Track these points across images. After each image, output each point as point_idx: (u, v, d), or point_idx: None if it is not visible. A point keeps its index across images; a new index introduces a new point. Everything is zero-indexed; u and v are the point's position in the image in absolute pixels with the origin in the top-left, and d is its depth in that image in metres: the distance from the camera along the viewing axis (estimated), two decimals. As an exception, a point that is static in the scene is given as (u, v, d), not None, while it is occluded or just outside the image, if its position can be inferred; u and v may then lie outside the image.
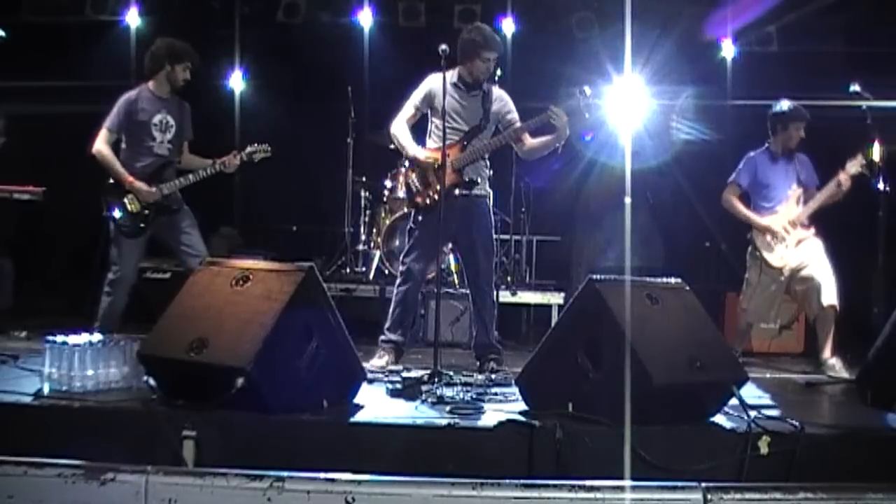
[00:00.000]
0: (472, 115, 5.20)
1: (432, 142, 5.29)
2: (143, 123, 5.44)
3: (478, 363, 5.21)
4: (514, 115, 5.31)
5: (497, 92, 5.35)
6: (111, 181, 5.39)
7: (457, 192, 5.13)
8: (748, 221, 6.06)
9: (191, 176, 5.54)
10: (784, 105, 5.99)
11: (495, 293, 7.01)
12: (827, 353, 5.80)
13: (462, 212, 5.13)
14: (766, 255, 5.98)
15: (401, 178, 5.25)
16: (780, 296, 6.08)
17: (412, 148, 5.26)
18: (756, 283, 6.06)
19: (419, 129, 5.41)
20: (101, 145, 5.37)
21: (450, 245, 5.71)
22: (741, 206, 6.10)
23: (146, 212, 5.41)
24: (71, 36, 8.38)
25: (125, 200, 5.38)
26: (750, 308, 6.11)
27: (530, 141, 5.28)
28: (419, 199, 5.23)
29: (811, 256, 5.92)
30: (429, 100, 5.27)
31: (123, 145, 5.46)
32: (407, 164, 5.35)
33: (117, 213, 5.38)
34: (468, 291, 5.42)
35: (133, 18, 8.61)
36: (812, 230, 6.01)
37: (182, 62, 5.51)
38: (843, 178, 5.79)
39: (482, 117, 5.21)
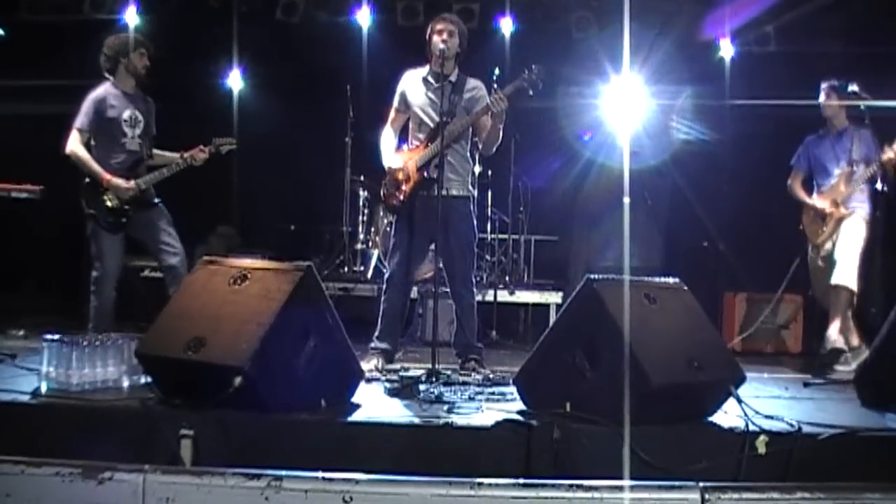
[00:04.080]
0: (440, 108, 5.06)
1: (410, 143, 5.30)
2: (113, 120, 5.43)
3: (459, 362, 5.19)
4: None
5: (471, 83, 5.26)
6: (87, 181, 5.39)
7: (424, 192, 5.10)
8: (805, 205, 6.09)
9: (165, 170, 5.54)
10: (848, 87, 5.88)
11: (494, 293, 7.13)
12: (830, 329, 5.75)
13: (436, 212, 5.02)
14: (808, 231, 6.01)
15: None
16: (824, 272, 5.93)
17: (385, 158, 5.28)
18: (811, 264, 6.05)
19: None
20: (74, 146, 5.36)
21: (431, 246, 5.67)
22: (800, 192, 6.15)
23: (126, 207, 5.41)
24: (69, 34, 8.36)
25: (104, 197, 5.37)
26: (817, 294, 6.11)
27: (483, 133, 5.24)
28: (389, 200, 5.23)
29: (843, 236, 5.84)
30: (404, 99, 5.26)
31: (93, 143, 5.44)
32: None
33: (98, 210, 5.37)
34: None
35: (131, 17, 8.58)
36: (854, 210, 5.86)
37: (135, 50, 5.50)
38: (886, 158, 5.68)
39: (447, 111, 5.08)
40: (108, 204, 5.37)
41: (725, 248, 7.69)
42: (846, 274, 5.68)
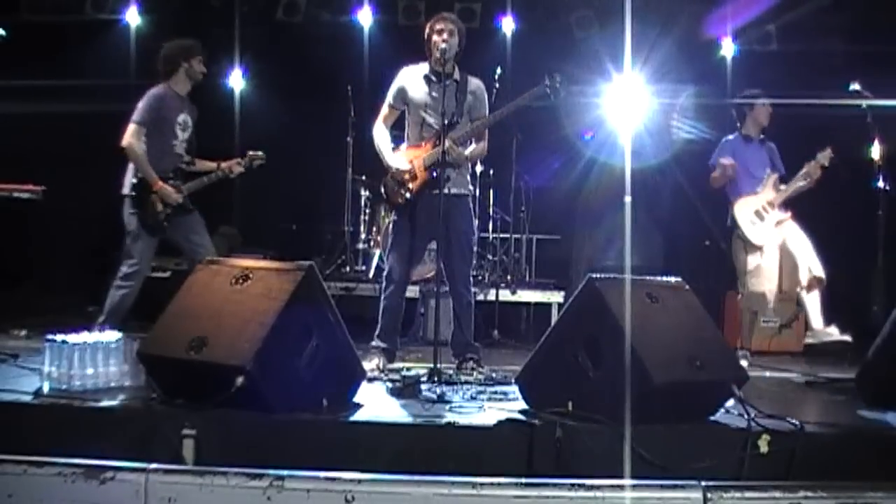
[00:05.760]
0: (446, 107, 5.00)
1: (409, 141, 5.25)
2: (169, 121, 5.51)
3: (456, 362, 5.17)
4: (485, 112, 5.23)
5: (473, 83, 5.24)
6: (135, 181, 5.43)
7: (427, 191, 5.08)
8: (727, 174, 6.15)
9: (205, 178, 5.65)
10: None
11: (495, 292, 7.12)
12: (821, 323, 5.96)
13: (440, 211, 4.99)
14: (747, 232, 6.07)
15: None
16: (770, 275, 6.11)
17: (388, 157, 5.22)
18: (744, 264, 6.13)
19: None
20: (132, 139, 5.38)
21: (430, 245, 5.65)
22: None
23: (169, 211, 5.48)
24: (70, 35, 8.37)
25: (152, 199, 5.43)
26: (748, 293, 6.15)
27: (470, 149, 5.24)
28: (394, 199, 5.17)
29: (791, 235, 6.07)
30: (402, 95, 5.21)
31: (144, 140, 5.48)
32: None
33: (142, 211, 5.43)
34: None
35: (133, 17, 8.61)
36: (789, 213, 6.15)
37: (195, 55, 5.60)
38: (812, 168, 6.01)
39: (454, 111, 5.09)
40: (154, 207, 5.43)
41: (727, 247, 7.68)
42: (819, 264, 6.00)
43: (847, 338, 5.79)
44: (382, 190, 5.31)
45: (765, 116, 6.23)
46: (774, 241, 6.07)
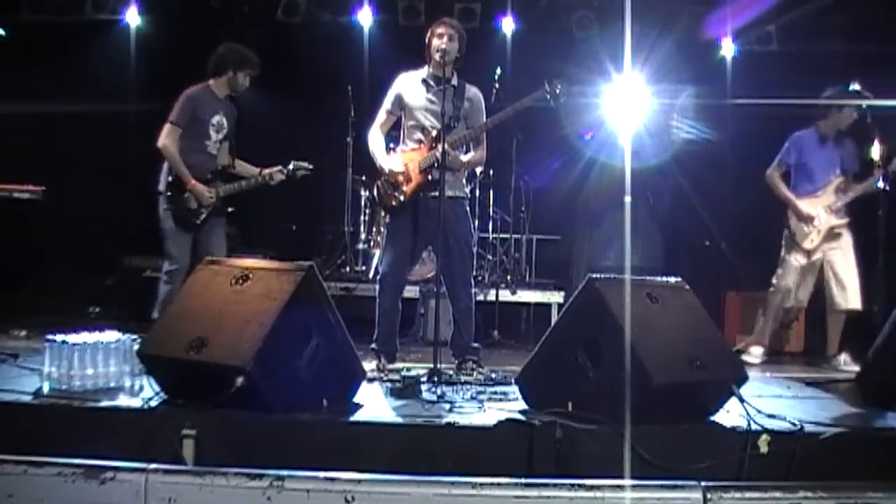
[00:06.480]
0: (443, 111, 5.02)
1: (405, 144, 5.25)
2: (203, 122, 5.58)
3: (456, 362, 5.16)
4: (481, 119, 5.22)
5: (471, 91, 5.23)
6: (170, 179, 5.50)
7: (422, 194, 5.09)
8: (787, 202, 6.13)
9: (243, 183, 5.73)
10: (851, 87, 6.03)
11: (495, 292, 7.12)
12: (835, 349, 6.00)
13: (437, 214, 4.94)
14: (797, 235, 6.08)
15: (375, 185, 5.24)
16: (809, 277, 6.15)
17: (382, 159, 5.21)
18: (786, 260, 6.15)
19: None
20: (167, 140, 5.47)
21: (429, 247, 5.65)
22: (783, 186, 6.19)
23: (202, 210, 5.55)
24: (70, 35, 8.37)
25: (185, 196, 5.51)
26: (779, 285, 6.18)
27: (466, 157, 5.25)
28: (387, 201, 5.16)
29: (842, 254, 6.05)
30: (399, 101, 5.22)
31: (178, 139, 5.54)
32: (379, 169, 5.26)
33: (177, 208, 5.51)
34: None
35: (133, 17, 8.60)
36: (847, 220, 6.09)
37: (244, 69, 5.68)
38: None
39: (451, 115, 5.08)
40: (188, 204, 5.52)
41: (727, 247, 7.68)
42: (859, 298, 5.99)
43: (855, 367, 5.80)
44: (375, 193, 5.30)
45: (846, 123, 6.06)
46: (820, 249, 6.06)
